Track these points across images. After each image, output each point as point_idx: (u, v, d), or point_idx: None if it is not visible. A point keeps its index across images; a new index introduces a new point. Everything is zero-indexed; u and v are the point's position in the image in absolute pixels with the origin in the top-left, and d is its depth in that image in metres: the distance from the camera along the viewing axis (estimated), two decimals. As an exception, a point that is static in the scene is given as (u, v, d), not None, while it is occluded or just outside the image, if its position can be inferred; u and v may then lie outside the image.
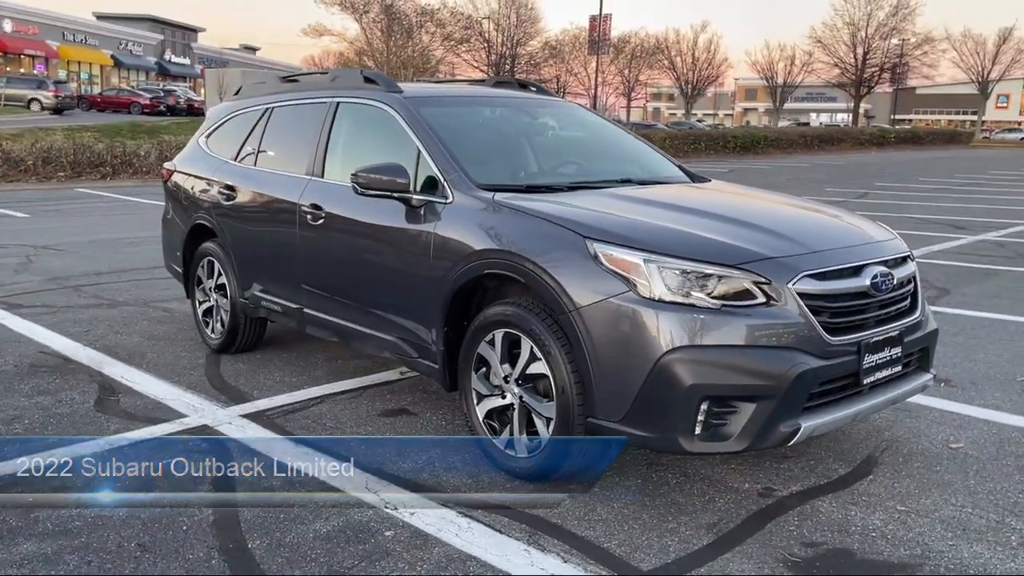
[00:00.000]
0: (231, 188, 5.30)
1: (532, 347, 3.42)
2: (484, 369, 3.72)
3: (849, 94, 70.52)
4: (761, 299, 3.09)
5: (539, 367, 3.42)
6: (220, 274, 5.50)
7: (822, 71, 71.39)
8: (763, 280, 3.10)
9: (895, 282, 3.46)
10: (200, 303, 5.78)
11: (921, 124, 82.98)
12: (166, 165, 6.26)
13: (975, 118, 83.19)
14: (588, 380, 3.21)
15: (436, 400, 4.68)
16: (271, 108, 5.35)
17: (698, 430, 3.05)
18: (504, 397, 3.61)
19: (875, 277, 3.35)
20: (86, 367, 5.29)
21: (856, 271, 3.34)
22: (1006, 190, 20.82)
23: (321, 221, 4.51)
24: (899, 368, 3.51)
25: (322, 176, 4.67)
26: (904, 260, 3.64)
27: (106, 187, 18.22)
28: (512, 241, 3.48)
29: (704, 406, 3.02)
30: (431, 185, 3.99)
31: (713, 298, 3.08)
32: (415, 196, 3.98)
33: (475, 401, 3.75)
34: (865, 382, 3.32)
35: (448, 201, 3.87)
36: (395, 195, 3.99)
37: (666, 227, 3.39)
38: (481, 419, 3.73)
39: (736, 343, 3.04)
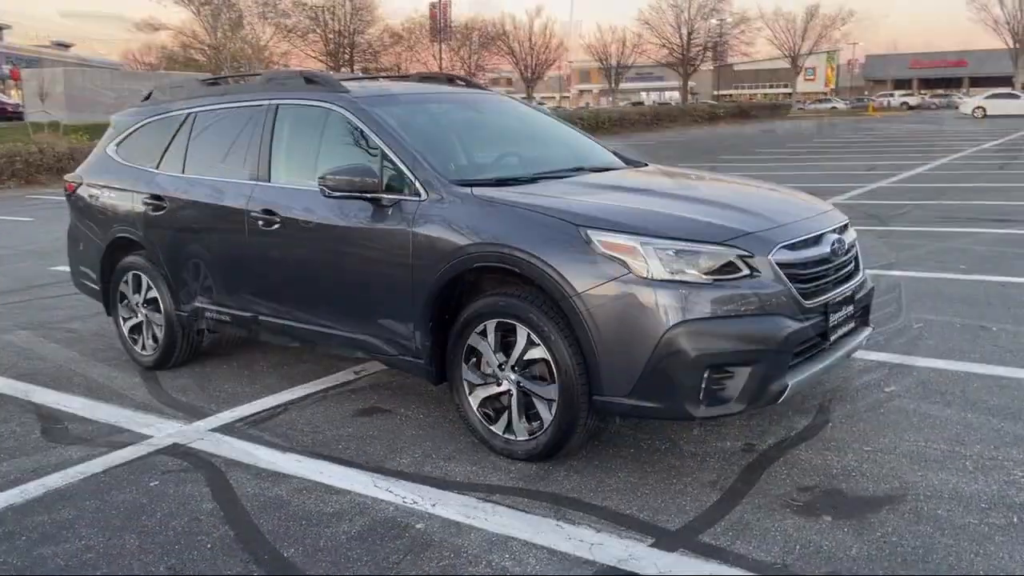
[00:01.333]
0: (158, 198, 5.12)
1: (529, 334, 3.57)
2: (474, 360, 3.84)
3: (678, 73, 73.80)
4: (746, 271, 3.37)
5: (537, 352, 3.57)
6: (150, 288, 5.31)
7: (652, 51, 74.42)
8: (747, 254, 3.38)
9: (845, 247, 3.84)
10: (125, 320, 5.55)
11: (741, 98, 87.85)
12: (68, 177, 5.94)
13: (788, 91, 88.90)
14: (592, 360, 3.40)
15: (404, 395, 4.74)
16: (194, 113, 5.20)
17: (702, 397, 3.30)
18: (500, 384, 3.75)
19: (833, 244, 3.71)
20: (11, 397, 5.01)
21: (817, 240, 3.69)
22: (836, 157, 22.53)
23: (276, 226, 4.47)
24: (852, 324, 3.91)
25: (268, 180, 4.62)
26: (846, 227, 4.03)
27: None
28: (504, 234, 3.60)
29: (706, 374, 3.28)
30: (399, 184, 4.05)
31: (705, 274, 3.33)
32: (385, 196, 4.02)
33: (467, 391, 3.87)
34: (831, 339, 3.68)
35: (422, 199, 3.94)
36: (365, 196, 4.03)
37: (653, 211, 3.61)
38: (476, 408, 3.85)
39: (730, 313, 3.31)
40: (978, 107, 49.97)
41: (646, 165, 4.91)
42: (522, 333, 3.60)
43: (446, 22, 49.32)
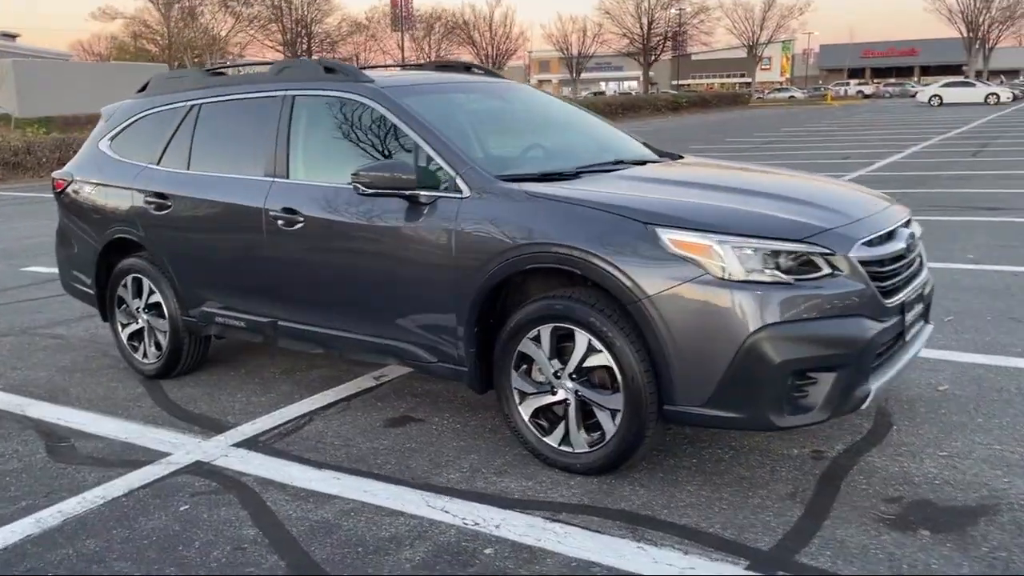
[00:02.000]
0: (162, 196, 4.79)
1: (590, 340, 3.34)
2: (525, 367, 3.60)
3: (638, 62, 73.90)
4: (827, 270, 3.17)
5: (599, 359, 3.34)
6: (152, 292, 4.98)
7: (612, 41, 74.42)
8: (828, 251, 3.18)
9: (915, 242, 3.67)
10: (123, 326, 5.21)
11: (701, 88, 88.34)
12: (57, 175, 5.56)
13: (744, 80, 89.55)
14: (665, 368, 3.18)
15: (434, 403, 4.48)
16: (198, 105, 4.87)
17: (785, 405, 3.10)
18: (555, 393, 3.51)
19: (908, 239, 3.53)
20: (5, 412, 4.66)
21: (891, 235, 3.50)
22: (807, 146, 22.59)
23: (298, 226, 4.17)
24: (921, 322, 3.74)
25: (287, 177, 4.32)
26: (909, 221, 3.86)
27: None
28: (561, 233, 3.36)
29: (790, 381, 3.08)
30: (437, 180, 3.79)
31: (786, 273, 3.12)
32: (423, 193, 3.76)
33: (518, 401, 3.62)
34: (906, 339, 3.50)
35: (464, 196, 3.68)
36: (403, 193, 3.76)
37: (724, 207, 3.39)
38: (527, 418, 3.61)
39: (813, 316, 3.10)
40: (934, 95, 50.73)
41: (682, 157, 4.69)
42: (582, 339, 3.37)
43: (408, 11, 48.63)
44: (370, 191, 3.78)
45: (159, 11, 58.44)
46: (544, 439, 3.57)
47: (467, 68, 5.29)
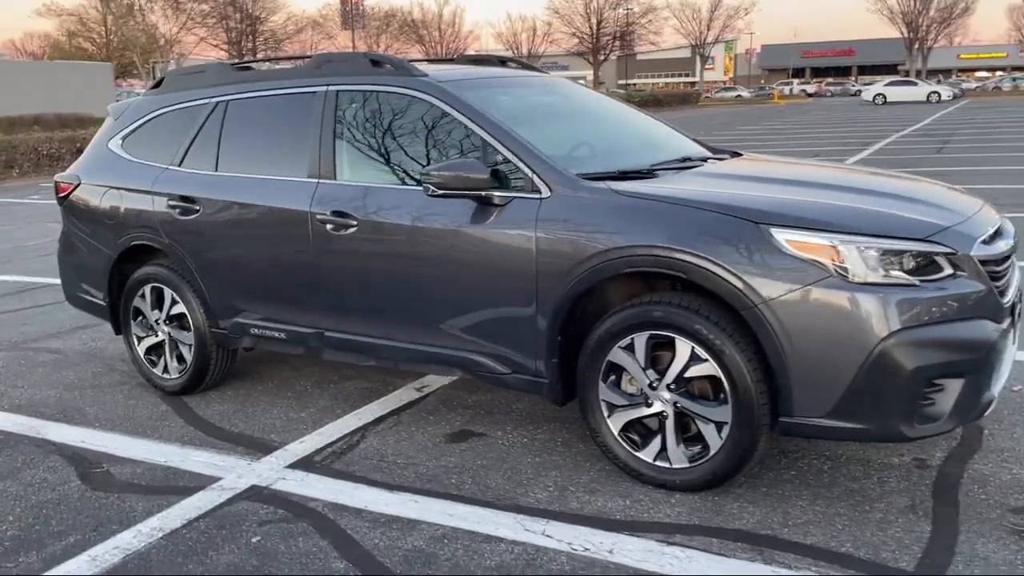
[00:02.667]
0: (189, 200, 4.46)
1: (693, 348, 3.14)
2: (613, 377, 3.39)
3: (588, 62, 74.12)
4: (950, 271, 3.02)
5: (703, 369, 3.15)
6: (175, 302, 4.64)
7: (562, 41, 74.54)
8: (950, 251, 3.03)
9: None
10: (140, 339, 4.86)
11: (648, 88, 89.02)
12: (61, 178, 5.17)
13: (688, 79, 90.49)
14: (782, 377, 2.99)
15: (490, 415, 4.25)
16: (224, 102, 4.55)
17: (915, 414, 2.94)
18: (649, 405, 3.31)
19: (1014, 237, 3.41)
20: (21, 436, 4.29)
21: (998, 233, 3.37)
22: (771, 145, 22.76)
23: (351, 230, 3.90)
24: (1019, 322, 3.62)
25: (334, 178, 4.04)
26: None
27: None
28: (662, 235, 3.15)
29: (921, 389, 2.92)
30: (510, 179, 3.56)
31: (911, 275, 2.96)
32: (497, 194, 3.52)
33: (606, 414, 3.41)
34: (1016, 341, 3.38)
35: (544, 196, 3.46)
36: (479, 195, 3.51)
37: (844, 206, 3.22)
38: (617, 432, 3.40)
39: (941, 319, 2.95)
40: (879, 94, 51.83)
41: (741, 154, 4.51)
42: (683, 347, 3.17)
43: (358, 8, 48.00)
44: (439, 192, 3.53)
45: (97, 9, 56.88)
46: (637, 454, 3.37)
47: (502, 62, 5.06)
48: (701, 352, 3.12)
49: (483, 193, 3.51)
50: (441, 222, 3.67)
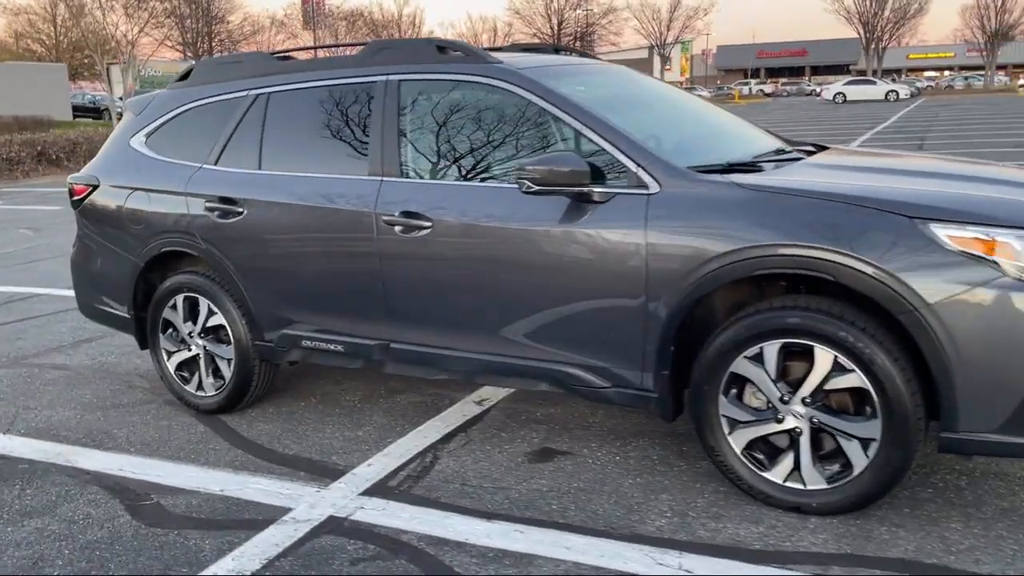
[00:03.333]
0: (230, 201, 4.07)
1: (836, 357, 2.86)
2: (735, 390, 3.09)
3: (549, 62, 73.93)
4: None
5: (848, 380, 2.86)
6: (212, 313, 4.24)
7: (523, 41, 74.22)
8: None
9: None
10: (170, 354, 4.45)
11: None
12: (76, 179, 4.73)
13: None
14: (946, 388, 2.72)
15: (567, 431, 3.93)
16: (264, 95, 4.16)
17: (1096, 428, 2.68)
18: (780, 421, 3.02)
19: None
20: (49, 464, 3.87)
21: None
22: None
23: (424, 232, 3.55)
24: None
25: (400, 175, 3.69)
26: None
27: None
28: (801, 232, 2.85)
29: None
30: (610, 174, 3.25)
31: (1083, 272, 2.71)
32: (597, 189, 3.21)
33: (727, 430, 3.11)
34: None
35: (652, 191, 3.15)
36: (577, 190, 3.20)
37: (1005, 198, 2.96)
38: (740, 451, 3.10)
39: None
40: (839, 93, 52.53)
41: (826, 148, 4.23)
42: (824, 356, 2.88)
43: (319, 8, 47.29)
44: (535, 188, 3.20)
45: (47, 9, 55.34)
46: (764, 475, 3.07)
47: (556, 50, 4.73)
48: (846, 362, 2.84)
49: (584, 189, 3.19)
50: (530, 222, 3.34)
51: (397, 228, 3.61)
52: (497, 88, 3.56)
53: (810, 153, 3.93)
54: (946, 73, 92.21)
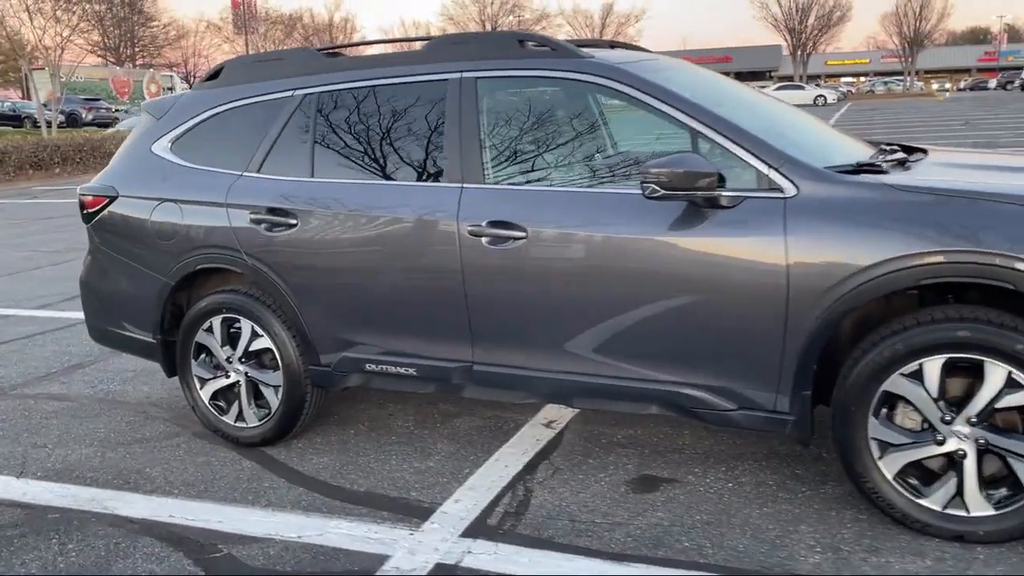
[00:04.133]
0: (281, 213, 3.67)
1: (1011, 373, 2.63)
2: (885, 411, 2.85)
3: (483, 68, 73.88)
4: None
5: (1021, 398, 2.64)
6: (255, 336, 3.83)
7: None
8: None
9: None
10: (203, 382, 4.01)
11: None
12: (89, 190, 4.23)
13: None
14: None
15: (660, 455, 3.64)
16: (313, 94, 3.78)
17: None
18: (941, 443, 2.78)
19: None
20: (85, 513, 3.42)
21: None
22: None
23: (517, 243, 3.22)
24: None
25: (484, 181, 3.36)
26: None
27: None
28: (994, 239, 2.62)
29: None
30: (735, 176, 2.99)
31: None
32: (725, 193, 2.93)
33: (877, 454, 2.87)
34: None
35: (790, 194, 2.89)
36: (703, 194, 2.92)
37: None
38: (892, 476, 2.86)
39: None
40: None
41: (925, 148, 3.98)
42: (997, 373, 2.66)
43: (250, 12, 46.18)
44: (659, 193, 2.91)
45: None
46: (920, 501, 2.83)
47: (611, 45, 4.44)
48: (1021, 377, 2.62)
49: (712, 193, 2.91)
50: (644, 229, 3.05)
51: (484, 239, 3.28)
52: (593, 84, 3.27)
53: (910, 152, 3.72)
54: (863, 79, 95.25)
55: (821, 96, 53.45)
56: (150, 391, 4.84)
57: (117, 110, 42.38)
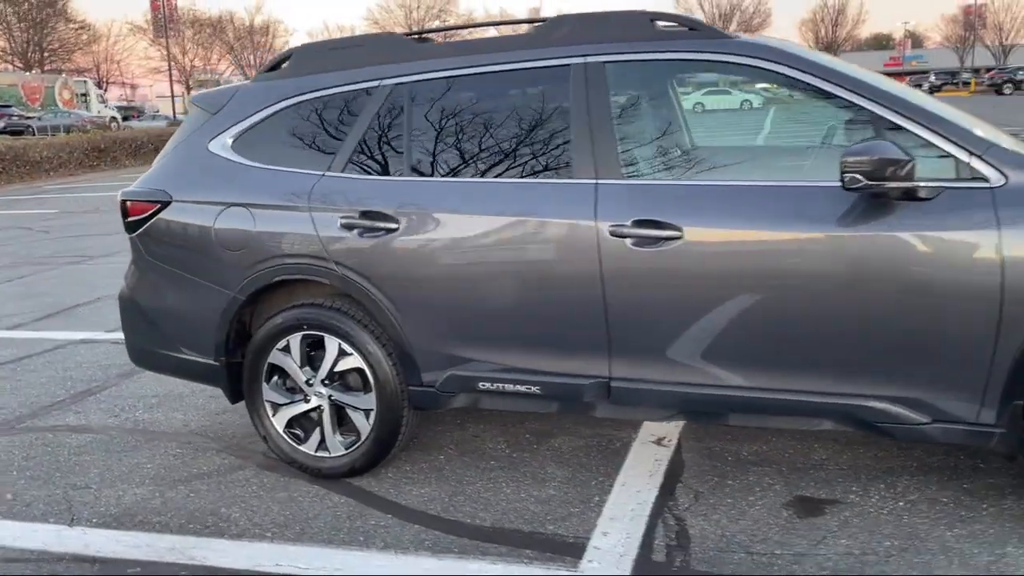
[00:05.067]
0: (379, 216, 3.25)
1: None
2: None
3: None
4: None
5: None
6: (343, 355, 3.39)
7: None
8: None
9: None
10: (277, 407, 3.55)
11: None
12: (130, 195, 3.71)
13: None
14: None
15: (806, 473, 3.35)
16: (404, 84, 3.37)
17: None
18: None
19: None
20: (173, 566, 2.95)
21: None
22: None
23: (672, 244, 2.88)
24: None
25: (622, 177, 3.01)
26: None
27: None
28: None
29: None
30: (928, 166, 2.72)
31: None
32: (924, 184, 2.66)
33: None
34: None
35: (997, 184, 2.63)
36: (904, 185, 2.63)
37: None
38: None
39: None
40: (698, 103, 54.31)
41: None
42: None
43: (171, 15, 44.60)
44: (860, 185, 2.61)
45: None
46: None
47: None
48: None
49: (910, 184, 2.63)
50: (823, 226, 2.75)
51: (629, 241, 2.93)
52: (750, 68, 2.96)
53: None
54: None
55: (747, 101, 54.41)
56: (186, 418, 4.33)
57: (29, 117, 40.39)
